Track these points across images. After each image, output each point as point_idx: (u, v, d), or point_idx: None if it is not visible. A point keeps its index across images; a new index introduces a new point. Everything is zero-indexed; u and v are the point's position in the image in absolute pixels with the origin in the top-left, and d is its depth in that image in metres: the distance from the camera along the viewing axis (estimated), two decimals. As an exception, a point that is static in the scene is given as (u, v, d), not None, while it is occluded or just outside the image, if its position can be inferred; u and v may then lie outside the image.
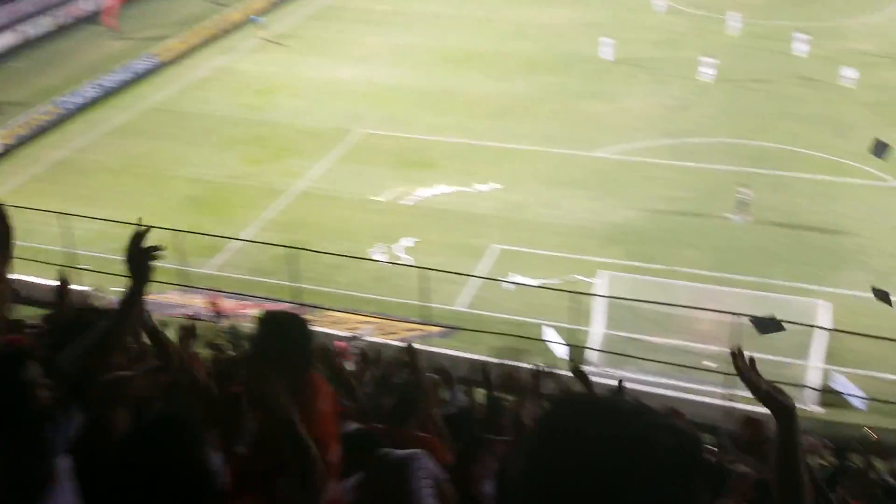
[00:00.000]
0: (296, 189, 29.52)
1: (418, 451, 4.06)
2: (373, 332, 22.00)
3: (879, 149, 17.33)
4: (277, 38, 44.42)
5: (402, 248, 25.69)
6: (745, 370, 2.78)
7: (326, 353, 7.79)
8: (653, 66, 39.38)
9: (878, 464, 14.86)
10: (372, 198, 28.63)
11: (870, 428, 17.80)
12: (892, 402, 17.69)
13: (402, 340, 21.44)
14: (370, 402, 8.23)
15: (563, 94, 36.62)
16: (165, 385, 5.44)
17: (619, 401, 1.59)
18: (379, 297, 23.32)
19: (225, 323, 20.82)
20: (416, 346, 19.51)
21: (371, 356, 15.03)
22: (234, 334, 18.20)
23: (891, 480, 11.63)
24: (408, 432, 6.41)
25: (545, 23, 45.12)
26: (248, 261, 25.15)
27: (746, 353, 2.89)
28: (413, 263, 23.58)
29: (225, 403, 5.30)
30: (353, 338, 20.68)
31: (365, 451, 4.56)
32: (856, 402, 19.16)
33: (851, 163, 29.74)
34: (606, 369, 20.84)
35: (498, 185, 29.06)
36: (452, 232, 26.47)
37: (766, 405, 2.70)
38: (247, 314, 20.90)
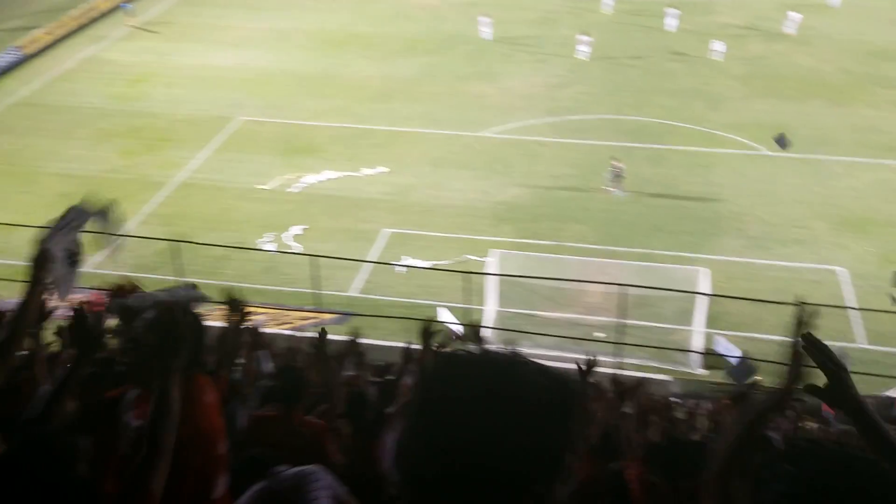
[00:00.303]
0: (176, 180, 28.64)
1: (315, 467, 3.98)
2: (265, 323, 21.62)
3: (781, 142, 18.10)
4: (148, 25, 42.88)
5: (292, 236, 25.30)
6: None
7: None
8: (532, 45, 39.92)
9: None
10: (257, 186, 28.06)
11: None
12: (769, 361, 18.51)
13: (295, 329, 21.18)
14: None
15: (446, 75, 36.72)
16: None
17: (493, 352, 1.62)
18: (270, 287, 22.91)
19: (110, 322, 20.04)
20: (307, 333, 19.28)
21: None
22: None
23: (773, 436, 12.19)
24: (298, 417, 6.34)
25: (424, 3, 45.14)
26: (129, 257, 24.24)
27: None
28: (303, 251, 23.28)
29: (100, 407, 5.10)
30: (245, 330, 20.25)
31: (258, 470, 4.44)
32: (733, 362, 20.01)
33: (724, 133, 30.97)
34: (501, 346, 21.11)
35: (385, 169, 28.95)
36: (342, 217, 26.24)
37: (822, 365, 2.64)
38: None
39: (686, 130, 31.39)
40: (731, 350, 20.19)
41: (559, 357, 20.12)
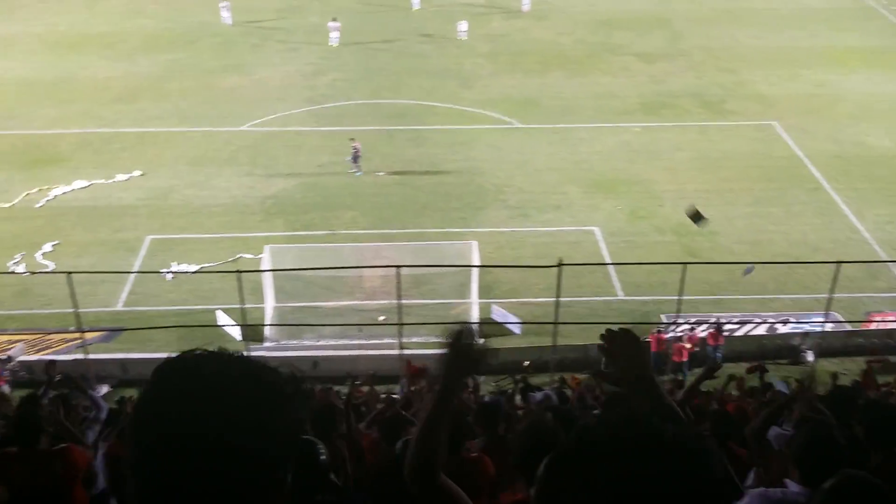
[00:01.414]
0: None
1: None
2: (25, 350, 19.98)
3: (696, 218, 18.34)
4: None
5: (43, 254, 23.40)
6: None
7: None
8: (282, 35, 39.35)
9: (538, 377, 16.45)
10: (-2, 205, 25.73)
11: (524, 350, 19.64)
12: (541, 322, 19.50)
13: (59, 353, 19.73)
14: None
15: (194, 70, 35.37)
16: None
17: (218, 353, 1.58)
18: (25, 312, 21.18)
19: None
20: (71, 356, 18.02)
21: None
22: None
23: (551, 393, 12.91)
24: (39, 452, 6.00)
25: (161, -3, 43.14)
26: None
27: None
28: (56, 269, 21.59)
29: None
30: (5, 360, 18.66)
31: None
32: (513, 329, 20.91)
33: (478, 110, 32.09)
34: (286, 342, 20.82)
35: (140, 173, 27.47)
36: (99, 229, 24.63)
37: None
38: None
39: (443, 110, 32.21)
40: (507, 317, 21.06)
41: (345, 345, 20.19)
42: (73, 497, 5.97)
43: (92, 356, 19.15)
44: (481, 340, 2.69)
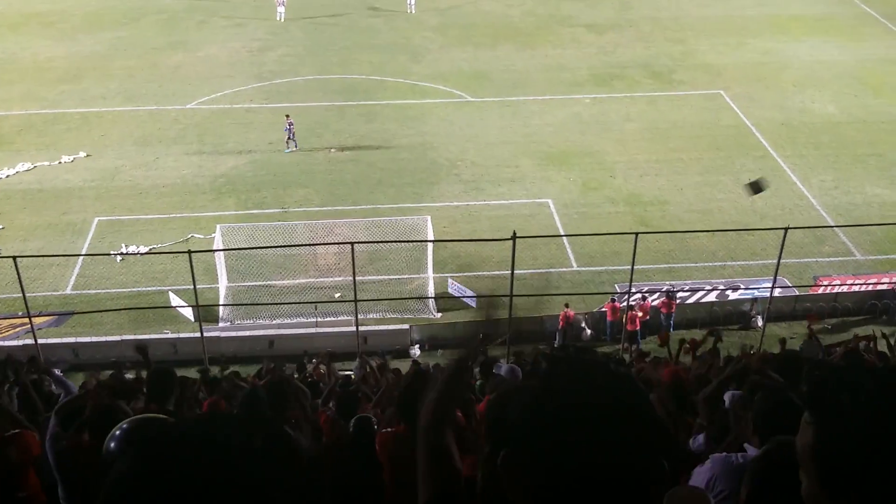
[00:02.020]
0: None
1: None
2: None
3: (754, 188, 17.61)
4: None
5: (-12, 239, 22.90)
6: None
7: None
8: (227, 10, 38.67)
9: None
10: (-62, 189, 25.03)
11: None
12: (497, 295, 19.56)
13: (8, 339, 19.39)
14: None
15: (138, 48, 34.63)
16: None
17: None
18: (-29, 299, 20.71)
19: None
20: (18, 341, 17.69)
21: None
22: None
23: (516, 367, 12.98)
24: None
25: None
26: None
27: None
28: (2, 254, 21.10)
29: None
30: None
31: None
32: (469, 302, 20.99)
33: (429, 84, 31.93)
34: (240, 321, 20.66)
35: (85, 154, 26.91)
36: (45, 212, 24.12)
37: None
38: None
39: (393, 84, 31.99)
40: (463, 291, 21.13)
41: (301, 323, 20.10)
42: (27, 483, 5.93)
43: (42, 341, 18.81)
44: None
